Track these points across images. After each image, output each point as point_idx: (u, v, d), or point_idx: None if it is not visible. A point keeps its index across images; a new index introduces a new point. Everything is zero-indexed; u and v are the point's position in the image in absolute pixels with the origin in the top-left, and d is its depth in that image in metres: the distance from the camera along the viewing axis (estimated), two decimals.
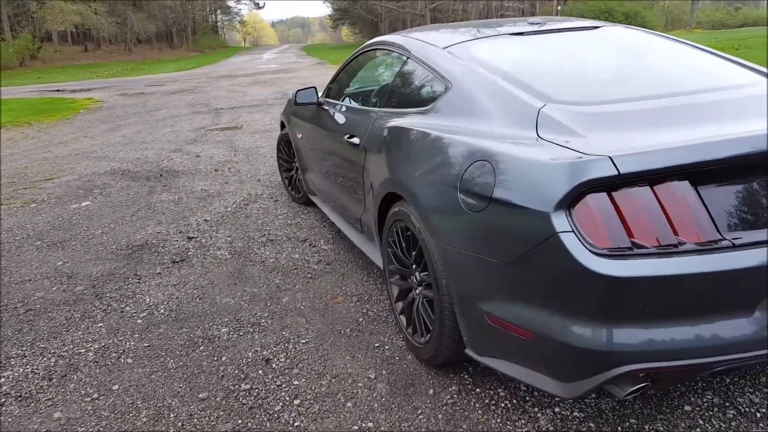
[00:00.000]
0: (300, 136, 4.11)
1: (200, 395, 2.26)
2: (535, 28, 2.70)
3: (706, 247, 1.46)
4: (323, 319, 2.79)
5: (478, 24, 3.05)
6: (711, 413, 1.98)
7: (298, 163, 4.33)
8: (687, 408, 2.01)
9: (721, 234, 1.48)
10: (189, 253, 3.75)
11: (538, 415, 2.01)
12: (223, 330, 2.76)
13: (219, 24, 70.20)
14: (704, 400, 2.05)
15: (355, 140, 2.87)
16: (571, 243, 1.49)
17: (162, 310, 2.99)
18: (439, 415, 2.03)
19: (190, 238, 4.02)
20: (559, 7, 27.63)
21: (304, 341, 2.60)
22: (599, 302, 1.50)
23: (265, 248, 3.77)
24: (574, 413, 2.00)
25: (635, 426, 1.93)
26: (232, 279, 3.33)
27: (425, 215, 2.03)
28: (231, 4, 73.43)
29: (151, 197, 5.11)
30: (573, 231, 1.49)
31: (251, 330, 2.74)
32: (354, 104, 3.39)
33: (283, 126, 4.85)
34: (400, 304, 2.54)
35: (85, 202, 5.04)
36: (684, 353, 1.48)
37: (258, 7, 70.84)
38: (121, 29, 39.73)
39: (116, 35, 40.93)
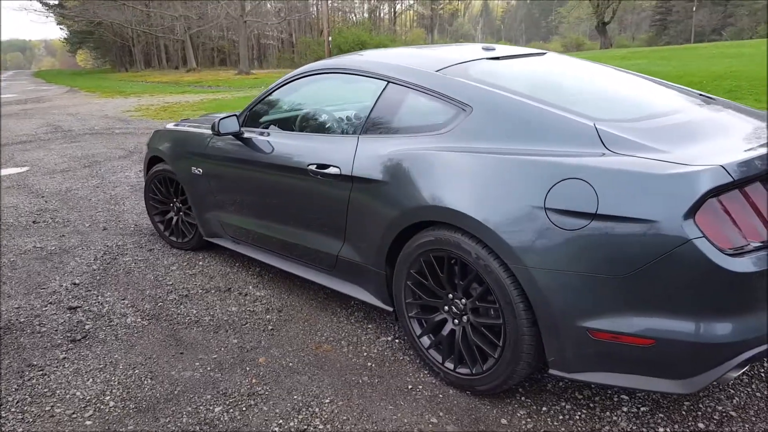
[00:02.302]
0: (200, 171, 3.63)
1: None
2: (498, 53, 2.88)
3: None
4: (326, 372, 2.51)
5: (436, 48, 3.11)
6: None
7: (193, 203, 3.80)
8: None
9: None
10: (86, 327, 3.00)
11: (614, 417, 2.13)
12: (216, 409, 2.28)
13: None
14: None
15: (333, 170, 2.68)
16: (706, 247, 1.65)
17: (111, 402, 2.34)
18: None
19: (73, 308, 3.22)
20: (329, 38, 29.15)
21: (328, 400, 2.31)
22: (732, 298, 1.69)
23: (185, 306, 3.23)
24: (641, 408, 2.17)
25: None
26: (173, 348, 2.77)
27: (497, 239, 2.00)
28: None
29: None
30: (703, 236, 1.66)
31: (252, 402, 2.32)
32: (308, 132, 3.14)
33: (153, 162, 4.21)
34: (426, 339, 2.44)
35: None
36: None
37: None
38: None
39: None
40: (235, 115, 3.29)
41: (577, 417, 2.13)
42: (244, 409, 2.28)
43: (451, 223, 2.16)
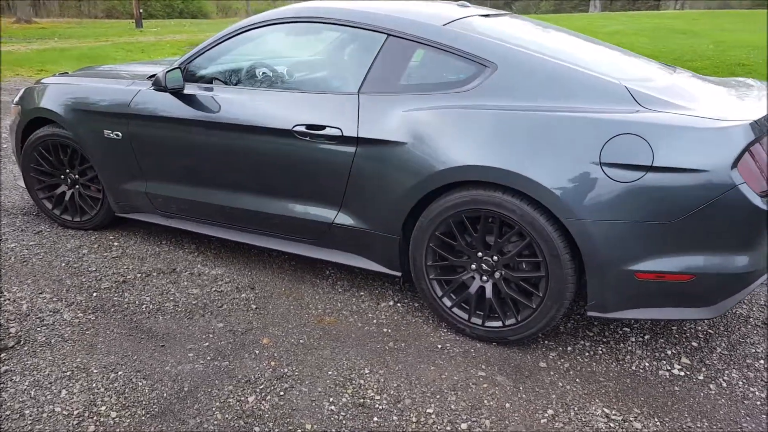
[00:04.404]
0: (117, 135, 3.09)
1: None
2: (477, 11, 2.89)
3: None
4: (346, 344, 2.40)
5: (416, 2, 2.99)
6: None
7: (102, 173, 3.23)
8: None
9: None
10: (13, 331, 2.44)
11: (628, 347, 2.39)
12: (250, 398, 2.05)
13: None
14: None
15: (331, 131, 2.50)
16: (748, 192, 1.93)
17: (112, 413, 1.97)
18: (576, 379, 2.17)
19: None
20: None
21: (367, 371, 2.22)
22: (757, 234, 2.01)
23: (130, 294, 2.79)
24: (645, 336, 2.46)
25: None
26: (147, 341, 2.40)
27: (550, 195, 2.08)
28: None
29: None
30: (745, 182, 1.93)
31: (287, 384, 2.13)
32: (281, 90, 2.84)
33: (31, 125, 3.47)
34: (447, 300, 2.45)
35: None
36: None
37: None
38: None
39: None
40: (179, 67, 2.86)
41: (600, 351, 2.35)
42: (282, 393, 2.09)
43: (495, 182, 2.19)
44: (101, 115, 3.13)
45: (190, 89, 2.89)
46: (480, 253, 2.35)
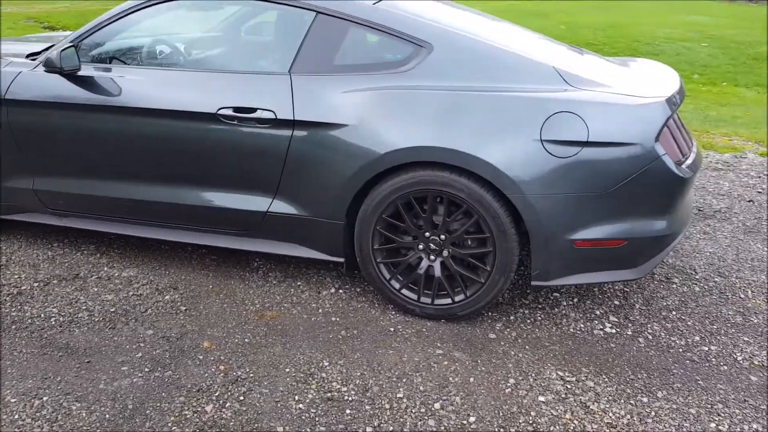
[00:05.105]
0: None
1: None
2: None
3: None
4: (296, 338, 2.31)
5: None
6: None
7: None
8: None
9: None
10: None
11: (562, 311, 2.56)
12: (207, 407, 1.90)
13: None
14: None
15: (263, 114, 2.36)
16: (668, 161, 2.14)
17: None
18: (525, 346, 2.29)
19: None
20: None
21: (326, 363, 2.15)
22: (675, 199, 2.24)
23: (30, 306, 2.45)
24: (574, 300, 2.65)
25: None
26: (67, 359, 2.13)
27: (496, 173, 2.14)
28: None
29: None
30: (666, 153, 2.14)
31: (244, 388, 2.01)
32: (195, 70, 2.62)
33: None
34: (395, 282, 2.45)
35: None
36: None
37: None
38: None
39: None
40: (73, 45, 2.52)
41: (539, 317, 2.50)
42: (241, 398, 1.97)
43: (443, 162, 2.21)
44: None
45: (86, 70, 2.58)
46: (427, 233, 2.37)
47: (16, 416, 1.83)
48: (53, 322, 2.35)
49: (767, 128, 5.62)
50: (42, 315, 2.39)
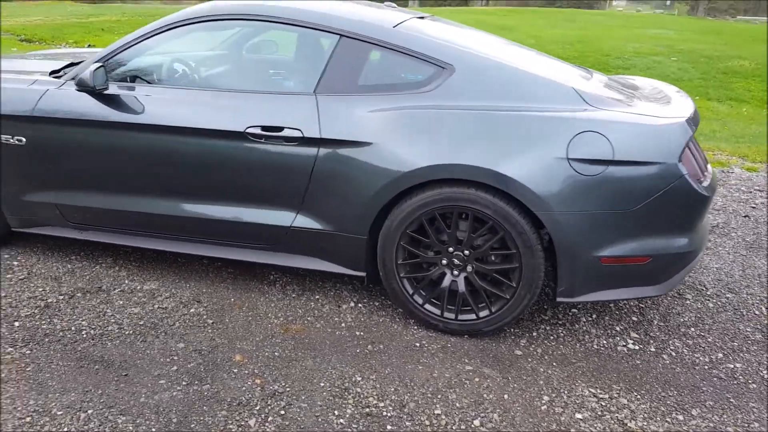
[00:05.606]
0: (20, 141, 2.71)
1: None
2: (414, 13, 2.96)
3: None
4: (324, 352, 2.36)
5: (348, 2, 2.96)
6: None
7: None
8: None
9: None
10: None
11: (583, 327, 2.63)
12: (251, 421, 1.94)
13: None
14: None
15: (290, 133, 2.43)
16: (691, 180, 2.24)
17: None
18: (552, 363, 2.36)
19: None
20: None
21: (358, 378, 2.20)
22: (697, 216, 2.34)
23: (60, 319, 2.47)
24: (593, 316, 2.73)
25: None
26: (105, 372, 2.16)
27: (525, 190, 2.22)
28: None
29: None
30: (688, 173, 2.24)
31: (283, 402, 2.05)
32: (217, 90, 2.66)
33: None
34: (418, 297, 2.51)
35: None
36: None
37: None
38: None
39: None
40: (102, 65, 2.57)
41: (562, 333, 2.57)
42: (282, 412, 2.01)
43: (470, 180, 2.28)
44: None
45: (112, 89, 2.64)
46: (451, 249, 2.44)
47: (65, 429, 1.86)
48: (84, 335, 2.37)
49: None
50: (72, 328, 2.41)
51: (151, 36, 2.70)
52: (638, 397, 2.16)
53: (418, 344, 2.45)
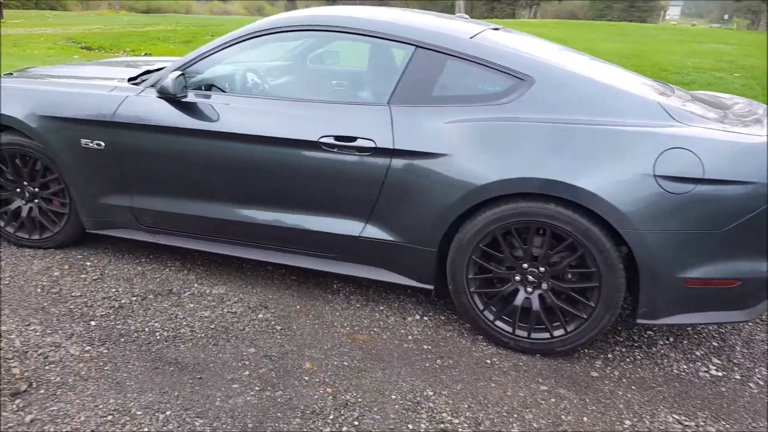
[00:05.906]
0: (100, 145, 2.80)
1: None
2: (488, 25, 2.95)
3: None
4: (392, 364, 2.33)
5: (424, 14, 2.98)
6: None
7: (76, 186, 2.90)
8: None
9: None
10: (15, 372, 2.13)
11: (660, 351, 2.54)
12: (326, 431, 1.94)
13: None
14: None
15: (363, 143, 2.43)
16: None
17: None
18: (631, 386, 2.27)
19: None
20: None
21: (430, 392, 2.17)
22: None
23: (133, 320, 2.53)
24: (670, 339, 2.63)
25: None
26: (179, 374, 2.19)
27: (608, 207, 2.16)
28: None
29: None
30: None
31: (355, 413, 2.03)
32: (292, 99, 2.69)
33: None
34: (488, 313, 2.47)
35: None
36: None
37: None
38: None
39: None
40: (182, 73, 2.64)
41: (638, 356, 2.48)
42: (356, 423, 1.99)
43: (547, 194, 2.23)
44: (79, 123, 2.82)
45: (190, 97, 2.71)
46: (525, 265, 2.39)
47: (145, 429, 1.89)
48: (158, 337, 2.42)
49: None
50: (146, 329, 2.47)
51: (226, 47, 2.76)
52: (727, 426, 2.06)
53: (488, 361, 2.40)
